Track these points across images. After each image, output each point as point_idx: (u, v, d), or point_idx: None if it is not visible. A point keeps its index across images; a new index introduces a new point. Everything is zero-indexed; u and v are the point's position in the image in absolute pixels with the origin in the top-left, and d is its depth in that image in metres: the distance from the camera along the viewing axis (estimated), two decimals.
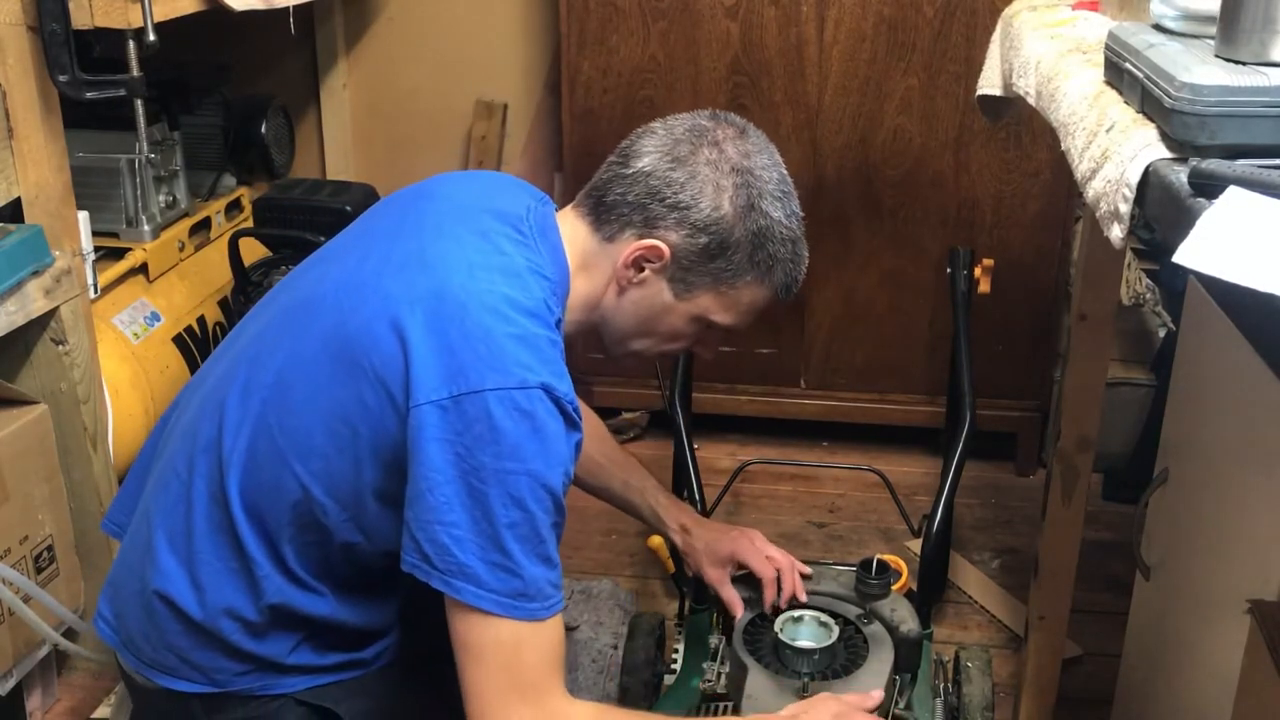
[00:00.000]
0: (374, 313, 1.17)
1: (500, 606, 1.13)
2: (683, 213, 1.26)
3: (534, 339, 1.17)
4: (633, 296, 1.31)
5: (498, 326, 1.15)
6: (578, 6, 2.59)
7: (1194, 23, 1.05)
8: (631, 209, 1.27)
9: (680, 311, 1.31)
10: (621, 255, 1.28)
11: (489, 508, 1.11)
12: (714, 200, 1.26)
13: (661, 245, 1.26)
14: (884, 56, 2.55)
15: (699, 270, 1.28)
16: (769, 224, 1.28)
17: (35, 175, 1.79)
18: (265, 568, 1.23)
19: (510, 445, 1.11)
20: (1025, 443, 2.82)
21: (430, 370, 1.13)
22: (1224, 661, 1.25)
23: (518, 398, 1.12)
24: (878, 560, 1.77)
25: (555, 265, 1.26)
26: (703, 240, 1.26)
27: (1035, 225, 2.65)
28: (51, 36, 1.70)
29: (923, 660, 1.74)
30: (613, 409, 2.94)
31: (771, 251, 1.29)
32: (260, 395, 1.22)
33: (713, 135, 1.28)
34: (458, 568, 1.12)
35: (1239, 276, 0.72)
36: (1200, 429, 1.54)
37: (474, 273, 1.18)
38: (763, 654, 1.65)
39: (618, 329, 1.34)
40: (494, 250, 1.22)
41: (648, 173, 1.27)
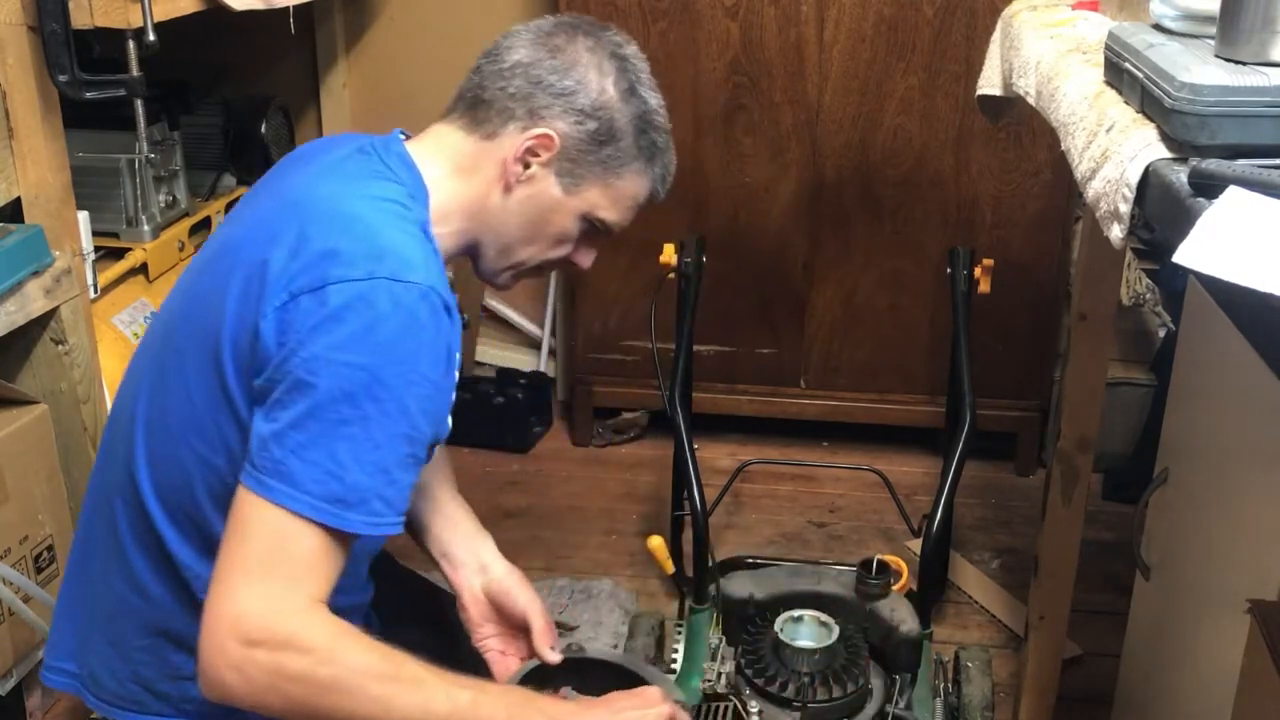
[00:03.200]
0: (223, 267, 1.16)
1: (314, 511, 1.05)
2: (569, 98, 1.23)
3: (389, 229, 1.12)
4: (519, 196, 1.25)
5: (345, 225, 1.11)
6: (577, 6, 2.59)
7: (1194, 23, 1.05)
8: (514, 101, 1.23)
9: (569, 209, 1.27)
10: (507, 150, 1.23)
11: (317, 400, 1.04)
12: (599, 84, 1.24)
13: (551, 133, 1.22)
14: (884, 56, 2.55)
15: (587, 160, 1.25)
16: (649, 109, 1.27)
17: (35, 175, 1.79)
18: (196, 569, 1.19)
19: (345, 337, 1.05)
20: (1025, 443, 2.82)
21: (271, 282, 1.09)
22: (1224, 661, 1.25)
23: (361, 288, 1.06)
24: (878, 560, 1.77)
25: (403, 168, 1.22)
26: (591, 125, 1.23)
27: (1035, 225, 2.65)
28: (51, 36, 1.70)
29: (923, 660, 1.74)
30: (613, 409, 2.94)
31: (653, 138, 1.28)
32: (148, 397, 1.21)
33: (584, 27, 1.27)
34: (273, 464, 1.05)
35: (1239, 276, 0.72)
36: (1200, 429, 1.54)
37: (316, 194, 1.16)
38: (762, 655, 1.65)
39: (503, 235, 1.28)
40: (338, 174, 1.20)
41: (526, 63, 1.24)
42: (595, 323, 2.85)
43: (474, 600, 1.40)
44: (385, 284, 1.07)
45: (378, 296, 1.06)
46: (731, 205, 2.70)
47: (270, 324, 1.08)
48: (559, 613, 2.30)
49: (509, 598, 1.38)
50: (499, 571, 1.40)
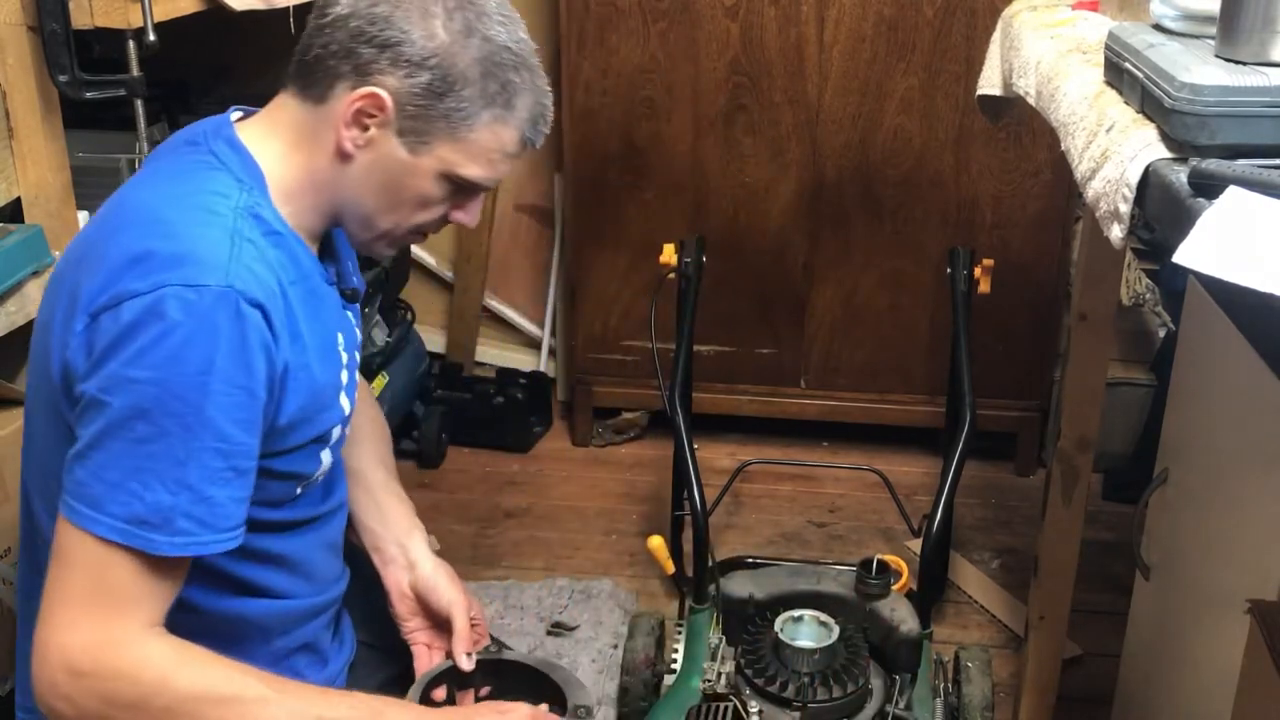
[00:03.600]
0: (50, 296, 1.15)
1: (116, 533, 1.02)
2: (395, 50, 1.10)
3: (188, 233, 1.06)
4: (363, 162, 1.15)
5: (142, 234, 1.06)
6: (578, 6, 2.59)
7: (1194, 23, 1.05)
8: (338, 59, 1.12)
9: (422, 170, 1.15)
10: (337, 115, 1.12)
11: (112, 419, 1.01)
12: (425, 29, 1.10)
13: (379, 92, 1.11)
14: (884, 56, 2.55)
15: (429, 115, 1.12)
16: (494, 49, 1.13)
17: (35, 175, 1.79)
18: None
19: (137, 350, 1.01)
20: (1025, 443, 2.82)
21: (82, 302, 1.06)
22: (1224, 661, 1.25)
23: (149, 300, 1.01)
24: (878, 560, 1.77)
25: (230, 153, 1.15)
26: (424, 77, 1.11)
27: (1035, 225, 2.65)
28: (51, 36, 1.70)
29: (923, 660, 1.74)
30: (613, 409, 2.94)
31: (504, 80, 1.13)
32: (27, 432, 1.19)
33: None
34: (76, 486, 1.03)
35: (1239, 276, 0.72)
36: (1200, 429, 1.54)
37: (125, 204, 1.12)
38: (762, 655, 1.65)
39: (360, 206, 1.18)
40: (158, 177, 1.15)
41: (347, 15, 1.11)
42: (595, 323, 2.85)
43: (400, 597, 1.38)
44: (175, 292, 1.02)
45: (167, 307, 1.02)
46: (731, 205, 2.70)
47: (76, 349, 1.05)
48: (559, 613, 2.30)
49: (434, 595, 1.36)
50: (426, 568, 1.37)
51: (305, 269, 1.17)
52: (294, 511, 1.23)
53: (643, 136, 2.67)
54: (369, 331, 2.65)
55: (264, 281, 1.08)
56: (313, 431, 1.17)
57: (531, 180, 3.08)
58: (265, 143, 1.16)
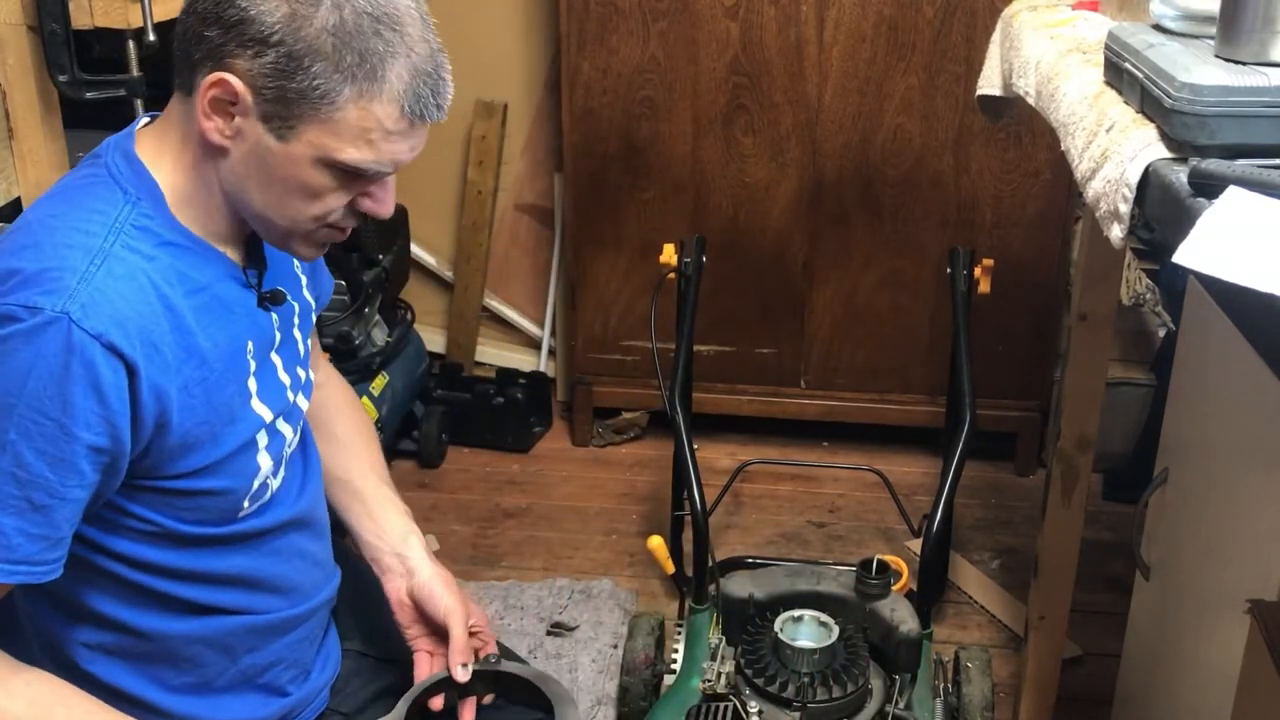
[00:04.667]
0: None
1: None
2: (239, 30, 1.01)
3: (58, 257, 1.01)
4: (237, 155, 1.07)
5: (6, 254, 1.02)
6: (578, 6, 2.59)
7: (1194, 23, 1.05)
8: (194, 45, 1.04)
9: (296, 157, 1.06)
10: (199, 106, 1.05)
11: None
12: (263, 4, 1.01)
13: (227, 76, 1.02)
14: (884, 56, 2.55)
15: (286, 98, 1.03)
16: (347, 16, 1.02)
17: (35, 175, 1.79)
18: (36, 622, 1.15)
19: None
20: (1025, 443, 2.82)
21: None
22: (1224, 661, 1.25)
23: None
24: (878, 560, 1.77)
25: (121, 164, 1.10)
26: (270, 57, 1.01)
27: (1035, 225, 2.65)
28: (51, 36, 1.70)
29: (923, 660, 1.74)
30: (613, 409, 2.94)
31: (363, 49, 1.02)
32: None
33: None
34: None
35: (1239, 276, 0.72)
36: (1200, 429, 1.54)
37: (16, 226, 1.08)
38: (762, 655, 1.65)
39: (248, 203, 1.10)
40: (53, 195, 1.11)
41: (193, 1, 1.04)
42: (595, 323, 2.85)
43: (400, 606, 1.35)
44: (9, 309, 0.98)
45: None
46: (731, 205, 2.70)
47: None
48: (559, 613, 2.30)
49: (431, 604, 1.33)
50: (424, 576, 1.34)
51: (208, 277, 1.12)
52: (248, 524, 1.19)
53: (643, 136, 2.67)
54: (369, 331, 2.65)
55: (126, 311, 1.02)
56: (222, 446, 1.13)
57: (531, 180, 3.08)
58: (159, 149, 1.11)
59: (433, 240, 3.16)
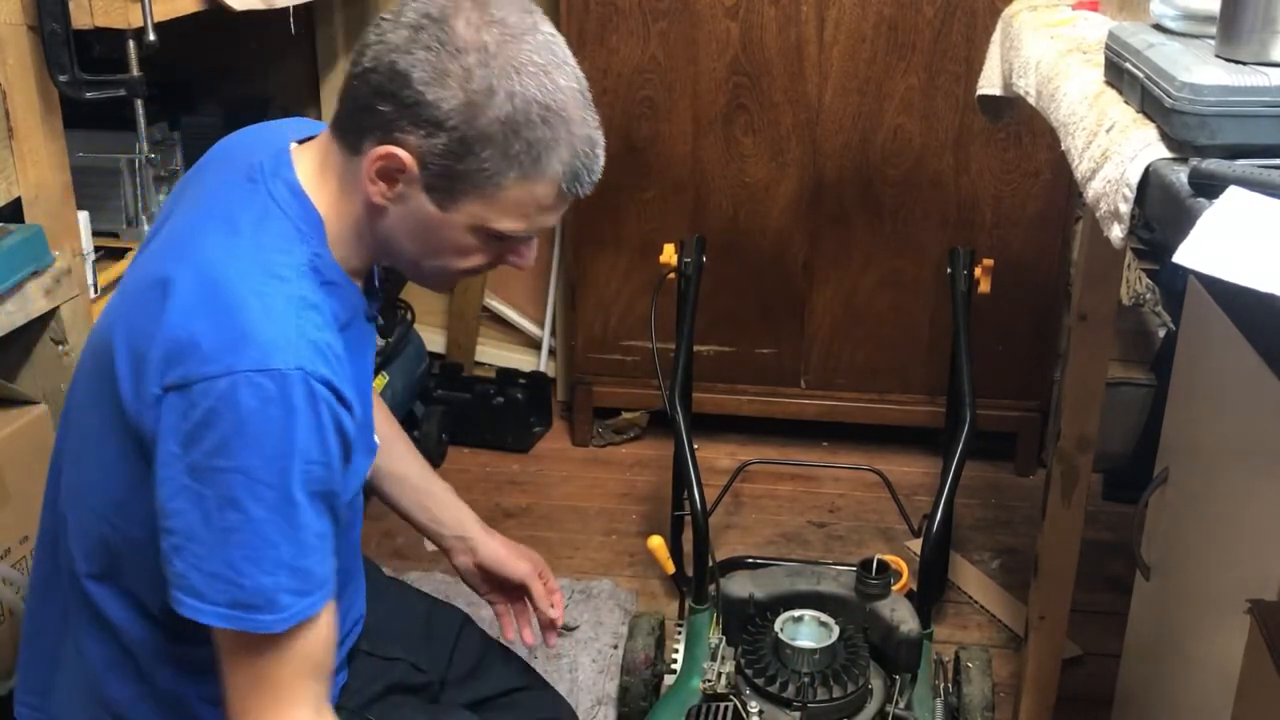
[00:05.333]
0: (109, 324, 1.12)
1: (223, 619, 1.03)
2: (412, 110, 1.06)
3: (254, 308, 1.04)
4: (396, 214, 1.13)
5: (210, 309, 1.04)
6: (578, 6, 2.59)
7: (1194, 23, 1.05)
8: (365, 113, 1.09)
9: (454, 224, 1.12)
10: (365, 169, 1.10)
11: (207, 511, 1.01)
12: (440, 91, 1.05)
13: (398, 152, 1.07)
14: (884, 56, 2.55)
15: (453, 174, 1.08)
16: (519, 106, 1.06)
17: (35, 175, 1.79)
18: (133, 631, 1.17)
19: (216, 441, 1.01)
20: (1025, 443, 2.82)
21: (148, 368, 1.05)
22: (1224, 661, 1.25)
23: (221, 386, 1.00)
24: (878, 560, 1.77)
25: (290, 199, 1.13)
26: (442, 139, 1.06)
27: (1035, 225, 2.65)
28: (51, 36, 1.70)
29: (923, 660, 1.74)
30: (613, 409, 2.94)
31: (531, 139, 1.07)
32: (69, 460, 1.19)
33: (440, 11, 1.07)
34: (176, 578, 1.04)
35: (1239, 276, 0.72)
36: (1200, 429, 1.54)
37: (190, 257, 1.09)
38: (762, 655, 1.65)
39: (399, 252, 1.17)
40: (221, 220, 1.12)
41: (371, 69, 1.08)
42: (595, 323, 2.85)
43: (470, 574, 1.52)
44: (245, 378, 1.01)
45: (240, 395, 1.00)
46: (731, 205, 2.70)
47: (152, 418, 1.04)
48: None
49: (504, 569, 1.50)
50: (487, 550, 1.50)
51: (349, 314, 1.17)
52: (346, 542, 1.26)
53: (643, 136, 2.67)
54: None
55: (328, 350, 1.07)
56: (364, 464, 1.20)
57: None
58: (320, 187, 1.14)
59: None
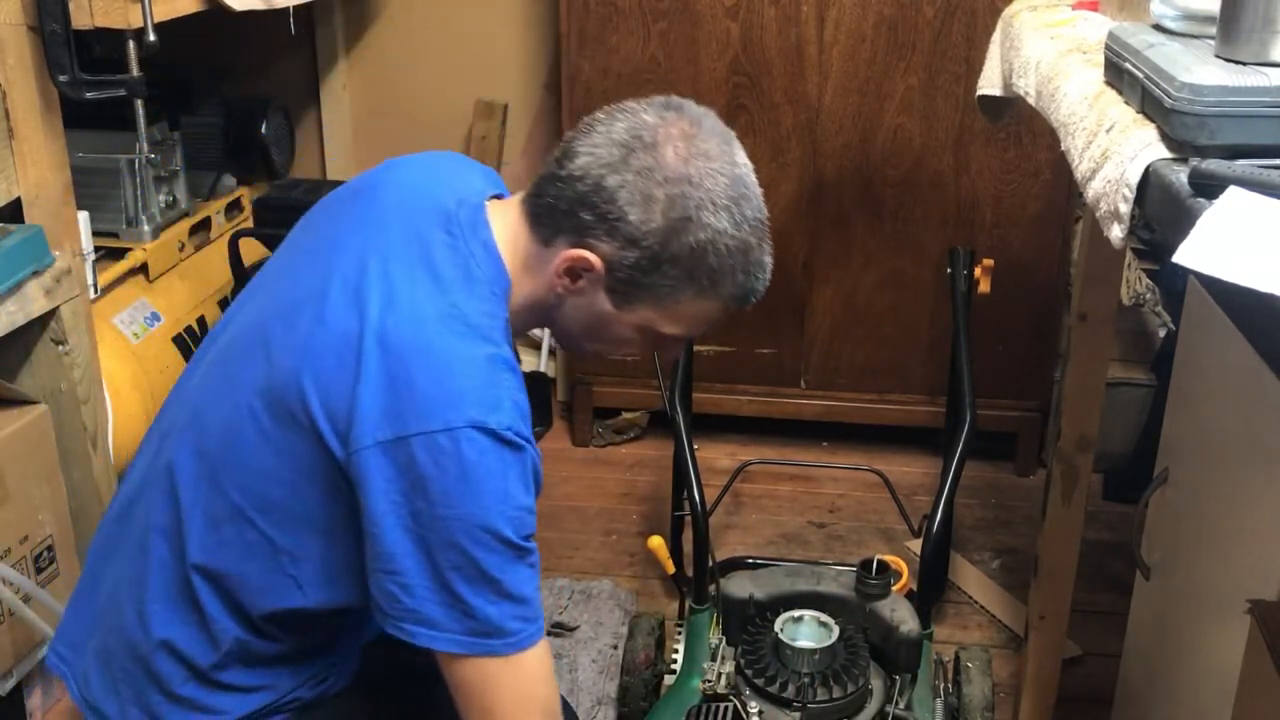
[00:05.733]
0: (298, 361, 1.14)
1: (459, 645, 1.11)
2: (612, 224, 1.15)
3: (465, 365, 1.11)
4: (574, 303, 1.22)
5: (423, 363, 1.10)
6: (578, 6, 2.59)
7: (1194, 23, 1.05)
8: (563, 215, 1.18)
9: (624, 322, 1.23)
10: (555, 262, 1.19)
11: (431, 553, 1.09)
12: (643, 214, 1.14)
13: (591, 257, 1.17)
14: (884, 56, 2.55)
15: (636, 283, 1.18)
16: (710, 237, 1.16)
17: (35, 175, 1.79)
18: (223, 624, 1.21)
19: (440, 491, 1.08)
20: (1025, 443, 2.82)
21: (359, 416, 1.09)
22: (1224, 661, 1.25)
23: (442, 441, 1.07)
24: (878, 560, 1.77)
25: (489, 263, 1.19)
26: (634, 255, 1.16)
27: (1035, 225, 2.65)
28: (51, 36, 1.70)
29: (923, 660, 1.74)
30: (613, 409, 2.94)
31: (714, 265, 1.17)
32: (208, 456, 1.19)
33: (652, 136, 1.16)
34: (407, 612, 1.11)
35: (1239, 276, 0.72)
36: (1200, 429, 1.54)
37: (398, 302, 1.14)
38: (762, 655, 1.65)
39: (566, 331, 1.28)
40: (424, 266, 1.17)
41: (579, 177, 1.16)
42: None
43: None
44: (465, 434, 1.08)
45: (461, 448, 1.07)
46: None
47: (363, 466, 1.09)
48: (559, 613, 2.30)
49: None
50: None
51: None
52: None
53: None
54: None
55: (525, 408, 1.14)
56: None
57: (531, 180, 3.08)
58: (509, 257, 1.22)
59: None
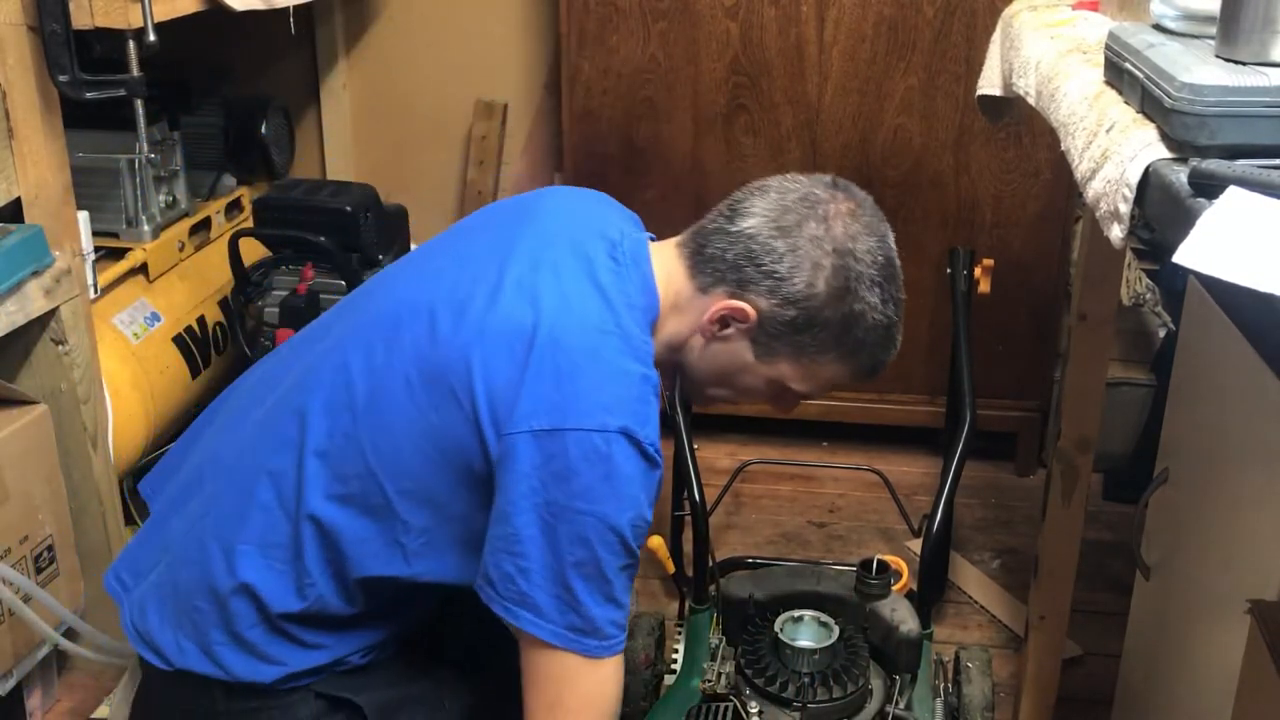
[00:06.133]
0: (469, 341, 1.19)
1: (557, 638, 1.16)
2: (776, 282, 1.25)
3: (623, 376, 1.18)
4: (715, 349, 1.31)
5: (590, 366, 1.17)
6: (578, 6, 2.59)
7: (1194, 23, 1.05)
8: (728, 267, 1.27)
9: (759, 373, 1.31)
10: (709, 308, 1.28)
11: (557, 543, 1.14)
12: (810, 277, 1.24)
13: (749, 309, 1.26)
14: (884, 56, 2.55)
15: (782, 339, 1.27)
16: (862, 309, 1.26)
17: (35, 175, 1.79)
18: (316, 577, 1.24)
19: (582, 486, 1.13)
20: (1025, 443, 2.82)
21: (520, 403, 1.15)
22: (1224, 661, 1.25)
23: (596, 440, 1.13)
24: (878, 560, 1.77)
25: (645, 294, 1.27)
26: (790, 313, 1.25)
27: (1035, 225, 2.65)
28: (51, 36, 1.70)
29: (923, 660, 1.74)
30: None
31: (859, 336, 1.27)
32: (351, 413, 1.23)
33: (824, 209, 1.27)
34: (520, 596, 1.15)
35: (1239, 276, 0.72)
36: (1200, 429, 1.54)
37: (571, 307, 1.20)
38: (762, 655, 1.65)
39: (696, 374, 1.34)
40: (592, 282, 1.24)
41: (750, 235, 1.27)
42: None
43: None
44: (617, 438, 1.14)
45: (613, 450, 1.14)
46: None
47: (507, 448, 1.15)
48: None
49: None
50: None
51: None
52: None
53: (643, 136, 2.67)
54: None
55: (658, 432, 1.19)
56: None
57: (531, 180, 3.08)
58: (661, 294, 1.29)
59: None
